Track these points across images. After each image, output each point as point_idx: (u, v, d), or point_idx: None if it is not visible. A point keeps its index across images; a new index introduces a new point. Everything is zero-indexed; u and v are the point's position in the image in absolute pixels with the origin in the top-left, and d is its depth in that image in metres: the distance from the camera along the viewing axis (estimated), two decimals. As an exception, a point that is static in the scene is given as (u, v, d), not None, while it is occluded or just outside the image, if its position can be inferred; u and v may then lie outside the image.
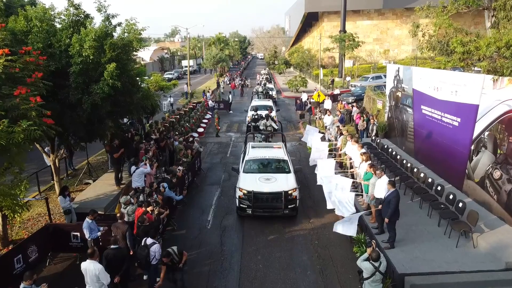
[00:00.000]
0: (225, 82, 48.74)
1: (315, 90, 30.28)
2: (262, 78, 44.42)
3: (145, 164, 11.99)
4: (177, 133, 18.49)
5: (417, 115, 14.91)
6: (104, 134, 12.65)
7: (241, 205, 11.42)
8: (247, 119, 22.42)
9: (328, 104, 25.03)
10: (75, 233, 9.44)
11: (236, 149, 20.03)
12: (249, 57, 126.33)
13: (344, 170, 13.84)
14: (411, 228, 9.96)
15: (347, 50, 42.19)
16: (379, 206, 9.34)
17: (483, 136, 10.65)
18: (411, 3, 48.12)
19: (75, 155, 16.08)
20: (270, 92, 32.78)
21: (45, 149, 12.57)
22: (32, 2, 17.04)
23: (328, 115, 20.13)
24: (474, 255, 8.63)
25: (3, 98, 7.98)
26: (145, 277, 8.57)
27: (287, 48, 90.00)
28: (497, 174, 9.97)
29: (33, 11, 11.00)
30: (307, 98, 28.83)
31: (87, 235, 8.79)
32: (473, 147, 11.11)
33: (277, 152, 13.64)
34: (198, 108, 27.57)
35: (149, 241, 7.77)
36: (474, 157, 11.07)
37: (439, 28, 17.11)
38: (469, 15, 27.70)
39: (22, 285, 6.42)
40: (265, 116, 19.56)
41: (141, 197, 10.32)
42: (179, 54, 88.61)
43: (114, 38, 11.44)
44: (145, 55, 57.44)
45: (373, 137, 17.98)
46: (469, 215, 9.25)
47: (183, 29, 44.21)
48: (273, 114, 21.12)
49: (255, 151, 13.78)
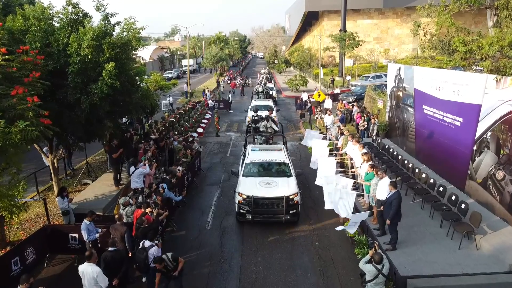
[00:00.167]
0: (225, 81, 48.59)
1: (315, 89, 30.16)
2: (262, 78, 44.24)
3: (144, 165, 11.89)
4: (177, 133, 18.38)
5: (418, 115, 14.81)
6: (103, 134, 12.53)
7: (240, 210, 11.03)
8: (247, 119, 22.16)
9: (328, 103, 24.92)
10: (73, 234, 9.33)
11: (236, 148, 19.92)
12: (249, 56, 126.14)
13: (345, 170, 13.73)
14: (413, 229, 9.86)
15: (347, 49, 42.11)
16: (381, 207, 9.25)
17: (485, 137, 10.54)
18: (411, 2, 48.09)
19: (74, 155, 15.96)
20: (270, 92, 32.55)
21: (44, 149, 12.47)
22: (31, 1, 16.90)
23: (329, 114, 20.01)
24: (477, 257, 8.53)
25: (0, 98, 7.87)
26: (143, 279, 8.47)
27: (287, 47, 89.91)
28: (500, 175, 9.87)
29: (31, 10, 10.88)
30: (308, 98, 28.71)
31: (85, 237, 8.70)
32: (475, 147, 11.00)
33: (278, 154, 13.22)
34: (198, 107, 27.46)
35: (147, 243, 7.65)
36: (476, 157, 10.96)
37: (441, 27, 16.97)
38: (469, 14, 27.58)
39: (18, 288, 6.31)
40: (265, 117, 18.89)
41: (140, 198, 10.23)
42: (179, 53, 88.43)
43: (113, 37, 11.31)
44: (145, 54, 57.23)
45: (374, 137, 17.88)
46: (472, 217, 9.15)
47: (183, 28, 44.19)
48: (274, 114, 20.68)
49: (255, 153, 13.35)
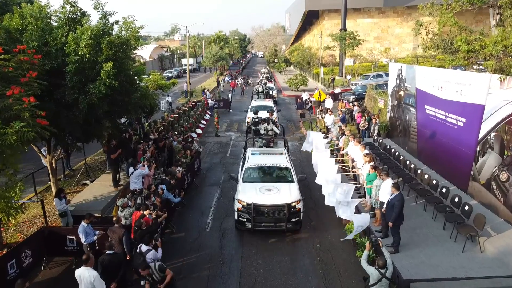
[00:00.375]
0: (226, 80, 48.42)
1: (316, 88, 30.00)
2: (263, 77, 44.05)
3: (143, 166, 11.76)
4: (176, 132, 18.23)
5: (420, 115, 14.66)
6: (101, 134, 12.37)
7: (240, 218, 10.62)
8: (247, 120, 21.88)
9: (329, 103, 24.77)
10: (71, 236, 9.18)
11: (236, 148, 19.78)
12: (249, 55, 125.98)
13: (346, 170, 13.60)
14: (415, 231, 9.73)
15: (347, 49, 41.97)
16: (383, 209, 9.11)
17: (489, 137, 10.40)
18: (412, 1, 47.93)
19: (73, 155, 15.81)
20: (271, 92, 32.27)
21: (42, 150, 12.32)
22: (29, 0, 16.76)
23: (330, 114, 19.86)
24: (481, 260, 8.40)
25: (-5, 99, 7.74)
26: (142, 282, 8.31)
27: (287, 47, 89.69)
28: (504, 176, 9.72)
29: (28, 8, 10.74)
30: (308, 97, 28.56)
31: (82, 239, 8.56)
32: (478, 148, 10.85)
33: (279, 159, 12.75)
34: (197, 107, 27.32)
35: (144, 248, 7.49)
36: (480, 158, 10.82)
37: (443, 26, 16.79)
38: (470, 13, 27.35)
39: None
40: (266, 119, 18.15)
41: (139, 200, 10.09)
42: (178, 52, 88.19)
43: (111, 36, 11.15)
44: (144, 53, 56.98)
45: (375, 137, 17.73)
46: (476, 219, 9.01)
47: (182, 27, 43.99)
48: (274, 115, 20.20)
49: (255, 157, 12.86)
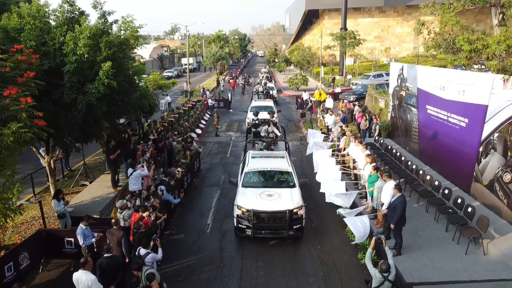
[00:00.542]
0: (226, 80, 48.30)
1: (316, 88, 29.89)
2: (263, 77, 43.91)
3: (142, 166, 11.64)
4: (176, 133, 18.12)
5: (422, 115, 14.55)
6: (100, 134, 12.27)
7: (239, 225, 10.26)
8: (247, 121, 21.67)
9: (329, 103, 24.66)
10: (69, 238, 9.06)
11: (236, 148, 19.66)
12: (249, 55, 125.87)
13: (347, 171, 13.48)
14: (417, 233, 9.62)
15: (348, 48, 41.81)
16: (385, 210, 9.00)
17: (492, 138, 10.29)
18: (412, 1, 47.79)
19: (72, 155, 15.69)
20: (271, 92, 32.05)
21: (40, 150, 12.21)
22: (28, -1, 16.63)
23: (330, 114, 19.74)
24: (485, 263, 8.29)
25: (-8, 99, 7.62)
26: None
27: (287, 46, 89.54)
28: (507, 177, 9.62)
29: (26, 8, 10.62)
30: (308, 97, 28.44)
31: (81, 241, 8.44)
32: (481, 149, 10.75)
33: (280, 162, 12.39)
34: (197, 106, 27.20)
35: (142, 251, 7.38)
36: (482, 159, 10.71)
37: (445, 25, 16.67)
38: (471, 13, 27.23)
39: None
40: (267, 121, 17.69)
41: (138, 201, 9.97)
42: (178, 52, 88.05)
43: (110, 36, 11.04)
44: (144, 53, 56.82)
45: (376, 137, 17.61)
46: (479, 221, 8.90)
47: (182, 26, 43.84)
48: (275, 116, 19.87)
49: (255, 161, 12.46)
